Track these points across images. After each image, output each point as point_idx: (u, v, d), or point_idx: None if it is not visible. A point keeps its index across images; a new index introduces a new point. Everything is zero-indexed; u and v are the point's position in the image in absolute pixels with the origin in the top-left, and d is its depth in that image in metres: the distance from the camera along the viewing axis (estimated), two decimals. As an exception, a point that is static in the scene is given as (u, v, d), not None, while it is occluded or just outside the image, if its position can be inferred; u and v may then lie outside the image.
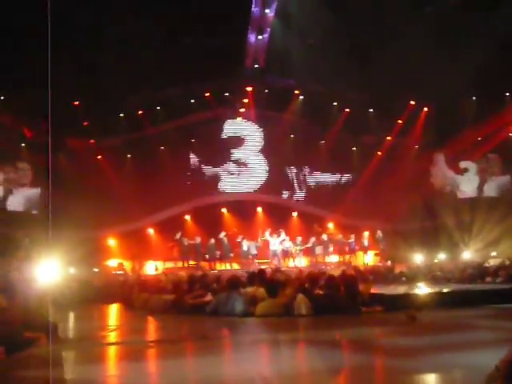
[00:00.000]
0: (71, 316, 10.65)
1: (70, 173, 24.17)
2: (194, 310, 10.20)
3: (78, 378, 4.91)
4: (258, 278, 11.22)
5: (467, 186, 27.51)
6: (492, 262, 20.97)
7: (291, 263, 24.50)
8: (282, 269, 19.90)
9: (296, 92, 27.04)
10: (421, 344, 6.18)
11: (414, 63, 22.30)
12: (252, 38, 24.04)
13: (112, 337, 8.08)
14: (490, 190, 27.32)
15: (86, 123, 25.32)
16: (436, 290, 13.43)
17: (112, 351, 6.73)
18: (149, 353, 6.42)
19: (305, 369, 4.97)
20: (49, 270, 12.58)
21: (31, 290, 8.92)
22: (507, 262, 19.59)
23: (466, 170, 27.40)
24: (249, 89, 26.57)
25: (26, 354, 5.63)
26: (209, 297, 10.56)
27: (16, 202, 24.87)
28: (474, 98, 26.40)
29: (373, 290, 10.79)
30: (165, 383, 4.45)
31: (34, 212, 24.76)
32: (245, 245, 24.31)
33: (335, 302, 9.32)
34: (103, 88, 22.63)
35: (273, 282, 10.26)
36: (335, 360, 5.32)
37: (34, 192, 24.89)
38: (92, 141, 26.06)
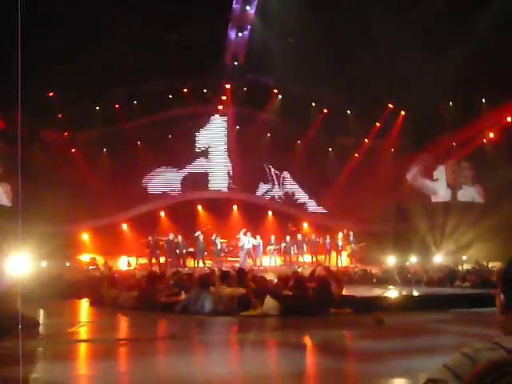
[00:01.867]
0: (40, 311, 10.50)
1: (44, 165, 23.89)
2: (164, 307, 10.16)
3: (46, 376, 4.85)
4: (236, 277, 11.18)
5: (441, 191, 27.89)
6: (464, 266, 21.32)
7: (263, 262, 24.50)
8: (254, 268, 19.98)
9: (274, 91, 27.03)
10: (386, 347, 6.24)
11: (394, 66, 22.48)
12: (232, 34, 24.00)
13: (80, 334, 8.02)
14: (463, 196, 27.73)
15: (60, 115, 25.01)
16: (405, 293, 13.60)
17: (81, 349, 6.67)
18: (118, 351, 6.38)
19: (269, 371, 4.98)
20: (19, 264, 12.46)
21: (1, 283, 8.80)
22: (477, 267, 19.95)
23: (438, 177, 27.80)
24: (227, 86, 26.47)
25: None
26: (183, 295, 10.55)
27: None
28: (450, 103, 26.74)
29: (344, 292, 10.88)
30: (133, 382, 4.42)
31: (6, 204, 24.43)
32: (218, 243, 24.27)
33: (304, 302, 9.34)
34: (79, 80, 22.42)
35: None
36: (300, 362, 5.34)
37: (5, 184, 24.60)
38: (66, 133, 25.78)
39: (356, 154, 27.88)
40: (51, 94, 24.38)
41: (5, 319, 6.80)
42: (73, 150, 25.88)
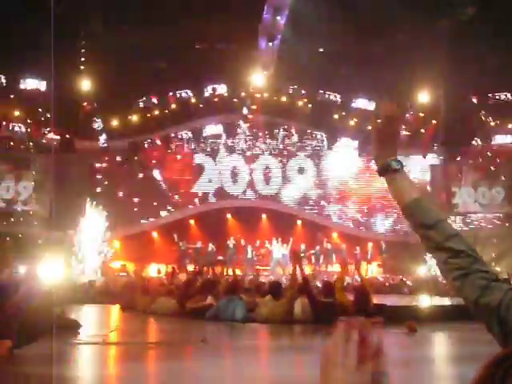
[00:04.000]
0: (72, 316, 10.64)
1: (77, 174, 24.34)
2: (194, 314, 10.20)
3: (79, 376, 4.93)
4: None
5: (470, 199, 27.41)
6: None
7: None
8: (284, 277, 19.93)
9: (305, 100, 27.07)
10: (419, 356, 6.18)
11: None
12: (263, 44, 24.13)
13: (113, 337, 8.12)
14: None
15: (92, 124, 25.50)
16: (438, 302, 13.43)
17: (112, 351, 6.76)
18: (148, 354, 6.44)
19: (302, 375, 4.98)
20: (53, 270, 12.67)
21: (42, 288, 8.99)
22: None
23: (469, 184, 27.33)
24: (257, 95, 26.58)
25: (29, 350, 5.66)
26: (209, 301, 10.55)
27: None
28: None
29: (374, 301, 10.78)
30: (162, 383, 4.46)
31: (41, 212, 24.91)
32: (249, 251, 24.33)
33: (341, 309, 9.18)
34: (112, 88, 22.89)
35: (276, 284, 10.17)
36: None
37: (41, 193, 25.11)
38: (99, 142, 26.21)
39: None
40: (85, 104, 24.87)
41: (42, 321, 6.95)
42: (106, 158, 26.29)
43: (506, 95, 26.18)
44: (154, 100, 26.28)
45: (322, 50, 25.18)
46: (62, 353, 6.10)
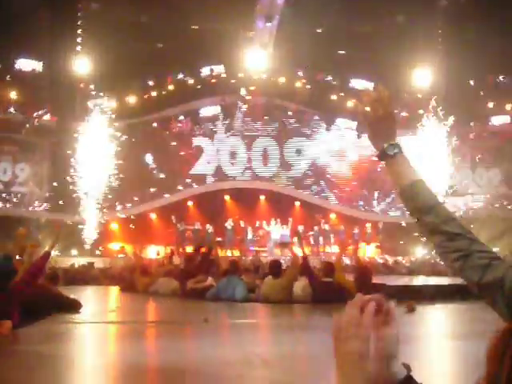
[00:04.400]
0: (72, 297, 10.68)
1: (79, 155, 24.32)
2: (195, 294, 10.23)
3: (77, 354, 4.95)
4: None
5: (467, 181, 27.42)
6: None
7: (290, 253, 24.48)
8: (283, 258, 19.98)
9: (303, 81, 26.96)
10: (420, 333, 6.22)
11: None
12: (260, 24, 23.93)
13: (113, 317, 8.16)
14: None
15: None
16: (435, 282, 13.50)
17: (113, 330, 6.79)
18: (148, 333, 6.48)
19: (303, 351, 5.01)
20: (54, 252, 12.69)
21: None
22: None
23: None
24: (255, 76, 26.43)
25: (31, 329, 5.69)
26: (209, 281, 10.59)
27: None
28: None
29: (374, 281, 10.81)
30: (163, 362, 4.48)
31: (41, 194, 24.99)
32: (249, 232, 24.41)
33: (341, 289, 9.15)
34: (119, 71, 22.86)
35: (276, 264, 10.17)
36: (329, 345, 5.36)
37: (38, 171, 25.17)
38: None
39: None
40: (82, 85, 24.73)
41: (47, 301, 6.99)
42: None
43: (504, 77, 26.14)
44: (150, 82, 26.13)
45: (319, 30, 25.02)
46: (62, 332, 6.14)
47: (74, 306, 7.79)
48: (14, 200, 24.73)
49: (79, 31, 23.69)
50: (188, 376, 3.96)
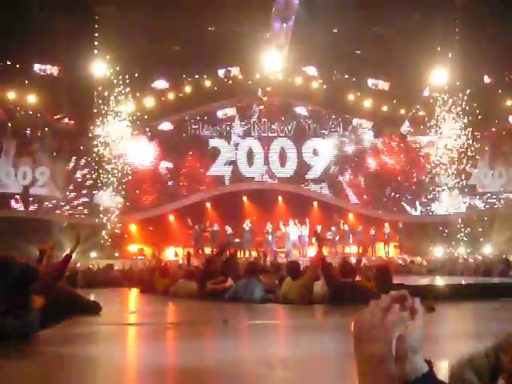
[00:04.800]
0: (92, 298, 10.79)
1: (94, 157, 24.53)
2: (214, 295, 10.27)
3: (99, 355, 5.01)
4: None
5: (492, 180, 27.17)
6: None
7: (309, 253, 24.50)
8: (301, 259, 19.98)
9: (320, 81, 26.93)
10: (439, 332, 6.19)
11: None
12: (277, 25, 23.93)
13: (133, 318, 8.23)
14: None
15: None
16: (455, 282, 13.40)
17: (133, 332, 6.85)
18: (168, 334, 6.52)
19: (322, 352, 5.02)
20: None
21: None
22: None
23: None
24: (272, 77, 26.46)
25: (52, 331, 5.76)
26: (229, 282, 10.62)
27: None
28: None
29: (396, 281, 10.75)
30: (183, 362, 4.52)
31: (58, 196, 25.20)
32: (269, 233, 24.45)
33: (362, 289, 9.11)
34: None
35: (294, 265, 10.14)
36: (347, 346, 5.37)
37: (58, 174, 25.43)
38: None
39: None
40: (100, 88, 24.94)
41: (66, 303, 7.07)
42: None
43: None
44: (166, 84, 26.27)
45: (336, 30, 24.95)
46: (83, 334, 6.22)
47: (93, 308, 7.86)
48: (34, 203, 25.01)
49: (96, 35, 23.90)
50: (208, 376, 3.99)
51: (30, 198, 24.77)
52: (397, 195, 27.20)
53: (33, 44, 21.68)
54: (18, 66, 24.25)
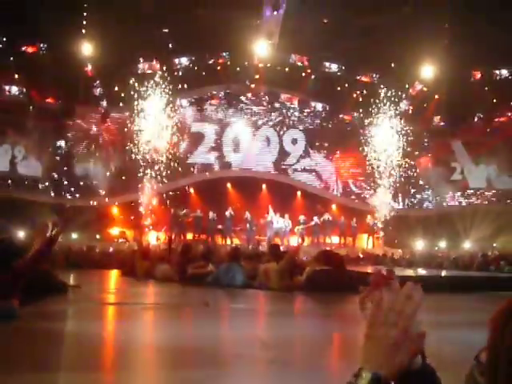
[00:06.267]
0: (73, 279, 10.77)
1: (77, 139, 24.37)
2: (194, 279, 10.30)
3: (79, 331, 5.02)
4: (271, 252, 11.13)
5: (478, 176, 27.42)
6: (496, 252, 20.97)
7: (290, 242, 24.58)
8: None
9: (308, 71, 26.90)
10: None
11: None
12: (267, 13, 23.81)
13: (113, 298, 8.25)
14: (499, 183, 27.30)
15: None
16: (433, 273, 13.56)
17: (112, 311, 6.86)
18: (147, 314, 6.55)
19: (301, 334, 5.08)
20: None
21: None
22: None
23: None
24: (260, 65, 26.34)
25: (35, 308, 5.77)
26: (210, 267, 10.66)
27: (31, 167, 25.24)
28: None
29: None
30: (162, 340, 4.55)
31: (39, 176, 25.02)
32: (249, 221, 24.47)
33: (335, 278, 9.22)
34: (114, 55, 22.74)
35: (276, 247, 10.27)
36: (332, 329, 5.45)
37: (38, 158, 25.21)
38: (100, 108, 26.03)
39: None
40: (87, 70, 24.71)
41: (43, 284, 7.05)
42: (106, 124, 26.22)
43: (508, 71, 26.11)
44: (155, 63, 26.00)
45: (326, 21, 24.89)
46: (63, 311, 6.23)
47: (61, 288, 7.84)
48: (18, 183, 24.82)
49: (84, 14, 23.59)
50: (188, 354, 4.02)
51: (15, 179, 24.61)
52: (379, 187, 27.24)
53: (17, 21, 21.35)
54: (2, 43, 23.94)
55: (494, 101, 26.13)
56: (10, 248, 6.16)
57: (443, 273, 14.19)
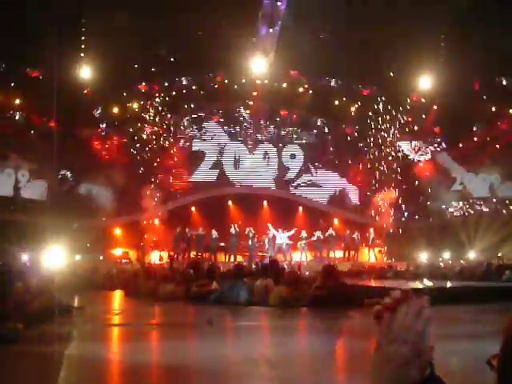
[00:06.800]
0: (78, 300, 10.74)
1: (78, 161, 24.42)
2: (198, 298, 10.26)
3: (84, 354, 5.01)
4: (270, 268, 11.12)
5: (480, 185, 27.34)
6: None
7: (294, 258, 24.52)
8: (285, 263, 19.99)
9: (305, 86, 27.01)
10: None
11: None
12: (263, 30, 23.97)
13: (118, 319, 8.22)
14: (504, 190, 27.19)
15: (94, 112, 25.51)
16: (439, 285, 13.49)
17: (118, 332, 6.85)
18: (152, 334, 6.53)
19: (305, 352, 5.06)
20: (56, 257, 12.76)
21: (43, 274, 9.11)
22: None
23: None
24: (258, 81, 26.42)
25: (39, 331, 5.76)
26: (214, 285, 10.62)
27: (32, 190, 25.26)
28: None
29: (376, 284, 10.83)
30: (169, 360, 4.53)
31: (42, 200, 25.01)
32: (251, 238, 24.40)
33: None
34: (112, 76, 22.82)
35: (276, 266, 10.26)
36: (336, 346, 5.42)
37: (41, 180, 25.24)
38: (100, 130, 26.12)
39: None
40: (86, 91, 24.82)
41: (47, 307, 7.05)
42: (107, 146, 26.28)
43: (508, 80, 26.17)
44: (152, 87, 26.18)
45: (322, 36, 25.03)
46: (65, 333, 6.21)
47: (65, 310, 7.82)
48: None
49: (83, 38, 23.79)
50: (194, 374, 4.01)
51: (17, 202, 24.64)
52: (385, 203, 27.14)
53: (20, 46, 21.51)
54: (3, 67, 24.09)
55: (493, 109, 26.21)
56: (10, 273, 6.18)
57: (448, 284, 14.12)
